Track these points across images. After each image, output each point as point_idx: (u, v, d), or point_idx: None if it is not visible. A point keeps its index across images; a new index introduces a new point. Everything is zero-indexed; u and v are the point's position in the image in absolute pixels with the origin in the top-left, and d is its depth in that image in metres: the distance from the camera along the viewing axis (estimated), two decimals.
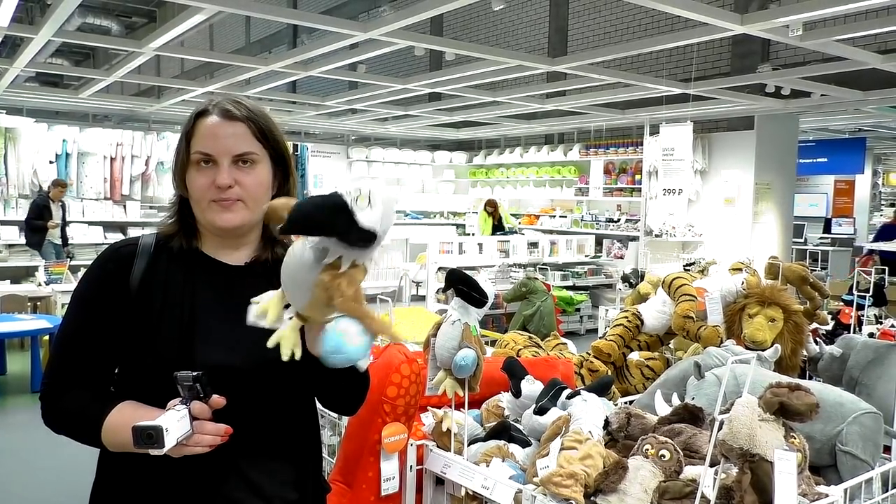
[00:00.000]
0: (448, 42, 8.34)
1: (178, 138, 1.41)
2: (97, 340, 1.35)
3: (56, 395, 1.36)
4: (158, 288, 1.37)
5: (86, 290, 1.40)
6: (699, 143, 9.67)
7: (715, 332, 2.47)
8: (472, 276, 2.07)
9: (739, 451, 1.40)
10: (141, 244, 1.41)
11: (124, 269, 1.37)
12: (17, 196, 10.29)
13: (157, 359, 1.31)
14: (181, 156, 1.39)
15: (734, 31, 5.67)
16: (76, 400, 1.34)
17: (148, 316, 1.34)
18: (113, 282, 1.36)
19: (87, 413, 1.32)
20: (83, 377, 1.36)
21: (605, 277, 9.65)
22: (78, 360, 1.36)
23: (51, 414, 1.37)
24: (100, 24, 15.13)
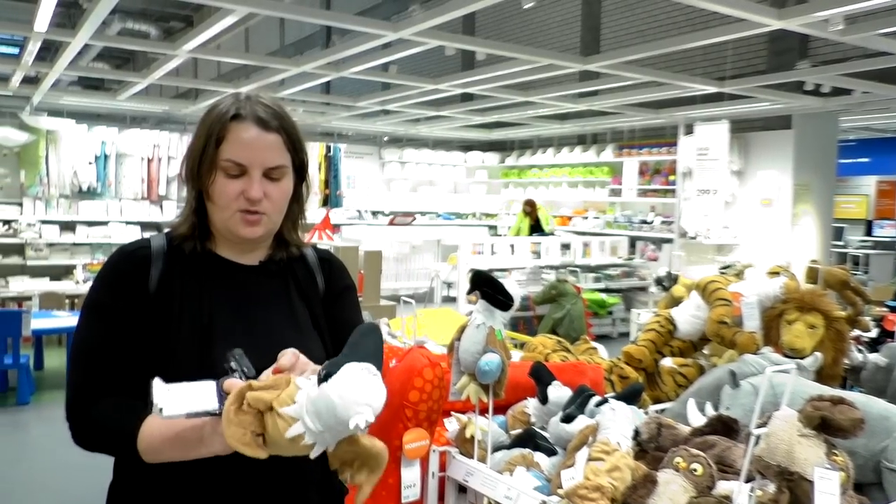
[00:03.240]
0: (479, 42, 8.29)
1: (203, 136, 1.34)
2: (119, 348, 1.31)
3: (85, 411, 1.29)
4: (175, 292, 1.34)
5: (103, 297, 1.34)
6: (735, 143, 9.46)
7: (751, 338, 2.37)
8: (498, 278, 2.02)
9: (777, 468, 1.33)
10: (153, 247, 1.38)
11: (141, 274, 1.34)
12: (58, 196, 10.51)
13: (176, 362, 1.28)
14: (207, 157, 1.33)
15: (771, 26, 5.51)
16: (105, 412, 1.28)
17: (166, 320, 1.32)
18: (131, 287, 1.33)
19: (120, 425, 1.25)
20: (109, 388, 1.30)
21: (638, 280, 9.49)
22: (103, 371, 1.31)
23: (82, 431, 1.30)
24: (139, 28, 15.41)
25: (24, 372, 5.99)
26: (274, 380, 1.08)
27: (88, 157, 10.63)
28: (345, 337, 1.27)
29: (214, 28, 6.10)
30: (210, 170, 1.33)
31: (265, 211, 1.34)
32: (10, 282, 9.03)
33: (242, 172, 1.32)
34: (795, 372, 2.08)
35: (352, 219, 12.80)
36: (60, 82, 12.15)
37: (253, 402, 1.04)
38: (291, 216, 1.47)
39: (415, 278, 11.00)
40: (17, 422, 5.62)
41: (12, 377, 6.23)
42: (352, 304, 1.56)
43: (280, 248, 1.46)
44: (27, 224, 10.15)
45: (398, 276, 10.76)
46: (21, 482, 4.49)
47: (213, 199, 1.35)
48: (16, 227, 10.14)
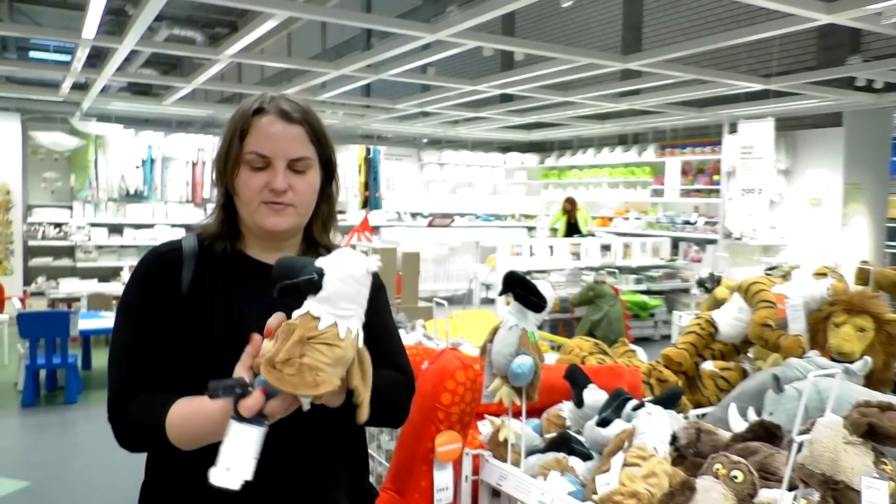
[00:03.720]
0: (516, 42, 8.24)
1: (229, 133, 1.35)
2: (154, 349, 1.32)
3: (122, 412, 1.31)
4: (207, 292, 1.34)
5: (137, 298, 1.35)
6: (782, 141, 9.22)
7: (796, 341, 2.29)
8: (532, 280, 1.98)
9: (821, 476, 1.26)
10: (185, 248, 1.38)
11: (174, 275, 1.34)
12: (107, 200, 10.79)
13: (212, 362, 1.28)
14: (233, 152, 1.34)
15: (820, 20, 5.35)
16: (139, 408, 1.29)
17: (199, 320, 1.32)
18: (164, 288, 1.33)
19: (151, 418, 1.26)
20: (146, 388, 1.31)
21: (680, 281, 9.32)
22: (140, 373, 1.32)
23: (122, 432, 1.31)
24: (185, 35, 15.75)
25: (72, 371, 6.14)
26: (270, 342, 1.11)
27: (135, 162, 10.90)
28: (376, 338, 1.28)
29: (255, 33, 6.18)
30: (235, 165, 1.33)
31: (291, 202, 1.34)
32: (60, 283, 9.29)
33: (266, 165, 1.32)
34: (843, 376, 2.00)
35: (391, 221, 12.85)
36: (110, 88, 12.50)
37: (288, 352, 1.07)
38: (321, 215, 1.46)
39: (453, 280, 10.99)
40: (65, 420, 5.77)
41: (61, 376, 6.40)
42: (383, 305, 1.55)
43: (310, 248, 1.45)
44: (77, 227, 10.45)
45: (437, 277, 10.77)
46: (68, 480, 4.60)
47: (239, 193, 1.35)
48: (66, 230, 10.44)
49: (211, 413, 1.17)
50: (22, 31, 9.42)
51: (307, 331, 1.09)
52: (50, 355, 6.00)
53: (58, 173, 10.59)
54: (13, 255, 10.16)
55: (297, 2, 5.80)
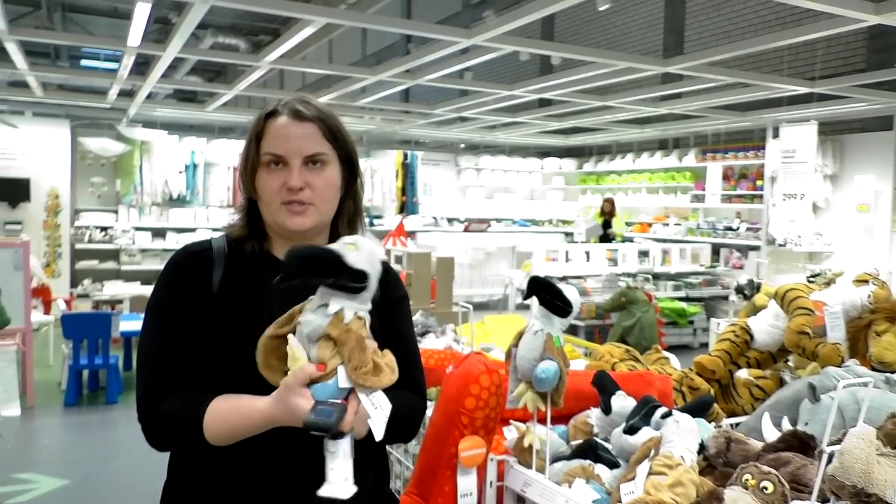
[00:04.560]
0: (553, 45, 8.19)
1: (247, 139, 1.39)
2: (184, 348, 1.33)
3: (153, 409, 1.32)
4: (237, 292, 1.36)
5: (168, 296, 1.37)
6: (829, 145, 8.98)
7: (835, 350, 2.21)
8: (557, 284, 1.95)
9: (852, 489, 1.21)
10: (215, 248, 1.40)
11: (205, 275, 1.36)
12: (150, 204, 11.05)
13: (242, 362, 1.29)
14: (251, 157, 1.37)
15: (868, 21, 5.20)
16: (171, 406, 1.31)
17: (228, 320, 1.33)
18: (194, 287, 1.35)
19: (186, 414, 1.28)
20: (176, 387, 1.33)
21: (721, 288, 9.13)
22: (170, 371, 1.33)
23: (152, 429, 1.33)
24: (229, 42, 16.05)
25: (113, 372, 6.29)
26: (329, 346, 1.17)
27: (179, 167, 11.14)
28: (398, 346, 1.30)
29: (294, 39, 6.27)
30: (254, 168, 1.36)
31: (310, 201, 1.35)
32: (105, 285, 9.53)
33: (282, 164, 1.34)
34: (885, 386, 1.93)
35: (427, 226, 12.88)
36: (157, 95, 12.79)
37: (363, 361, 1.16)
38: (346, 213, 1.47)
39: (489, 285, 10.96)
40: (106, 420, 5.90)
41: (102, 377, 6.56)
42: (406, 314, 1.56)
43: None
44: (122, 231, 10.70)
45: (472, 282, 10.75)
46: (108, 479, 4.70)
47: (259, 195, 1.37)
48: (112, 234, 10.70)
49: (252, 413, 1.23)
50: (69, 39, 9.70)
51: (361, 331, 1.18)
52: (92, 356, 6.15)
53: (104, 178, 10.88)
54: (61, 257, 10.46)
55: (337, 8, 5.87)
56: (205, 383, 1.32)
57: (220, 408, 1.27)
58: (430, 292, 6.46)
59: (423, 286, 6.55)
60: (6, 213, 10.13)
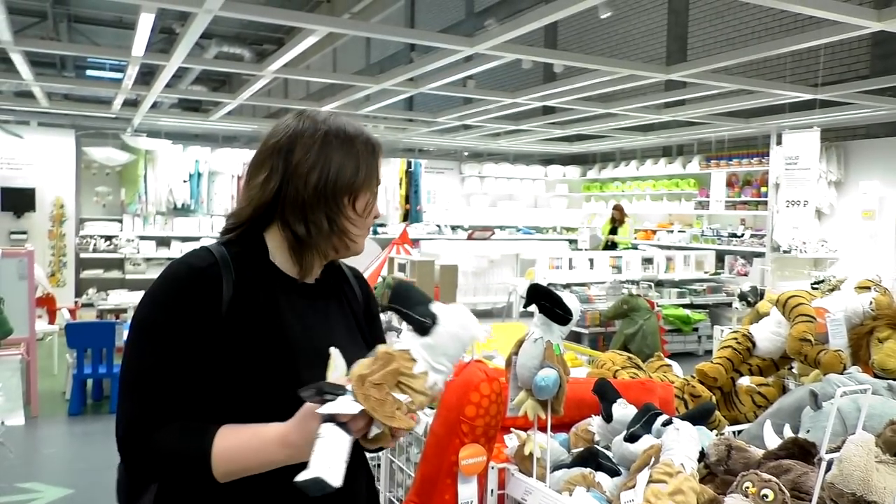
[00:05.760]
0: (556, 53, 8.21)
1: (361, 157, 1.35)
2: (182, 374, 1.22)
3: (144, 441, 1.20)
4: (248, 309, 1.28)
5: (166, 318, 1.24)
6: (833, 152, 8.96)
7: (837, 357, 2.20)
8: (557, 291, 1.95)
9: (851, 496, 1.20)
10: (220, 262, 1.29)
11: (213, 293, 1.25)
12: (155, 213, 11.09)
13: (265, 386, 1.24)
14: (365, 179, 1.35)
15: (870, 28, 5.20)
16: (171, 438, 1.20)
17: (242, 344, 1.25)
18: (201, 308, 1.24)
19: (191, 448, 1.19)
20: (170, 414, 1.22)
21: (725, 295, 9.11)
22: (165, 400, 1.22)
23: (141, 462, 1.23)
24: (233, 52, 16.14)
25: (118, 381, 6.27)
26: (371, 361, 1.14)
27: (183, 176, 11.18)
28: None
29: (298, 48, 6.30)
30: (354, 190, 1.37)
31: None
32: (109, 295, 9.55)
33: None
34: (888, 393, 1.91)
35: (431, 233, 12.89)
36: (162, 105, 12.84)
37: (383, 378, 1.11)
38: None
39: (493, 293, 10.94)
40: (110, 429, 5.79)
41: (107, 386, 6.57)
42: (381, 325, 1.60)
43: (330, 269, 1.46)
44: (126, 240, 10.74)
45: (476, 290, 10.74)
46: (111, 488, 4.68)
47: (353, 220, 1.36)
48: (116, 243, 10.74)
49: (269, 440, 1.16)
50: (73, 50, 9.79)
51: (403, 366, 1.13)
52: (96, 365, 6.16)
53: (109, 187, 10.93)
54: (66, 267, 10.49)
55: (341, 18, 5.91)
56: (206, 414, 1.24)
57: (231, 440, 1.19)
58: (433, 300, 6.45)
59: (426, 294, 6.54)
60: (11, 223, 10.18)
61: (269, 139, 1.35)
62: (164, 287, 1.26)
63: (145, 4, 5.01)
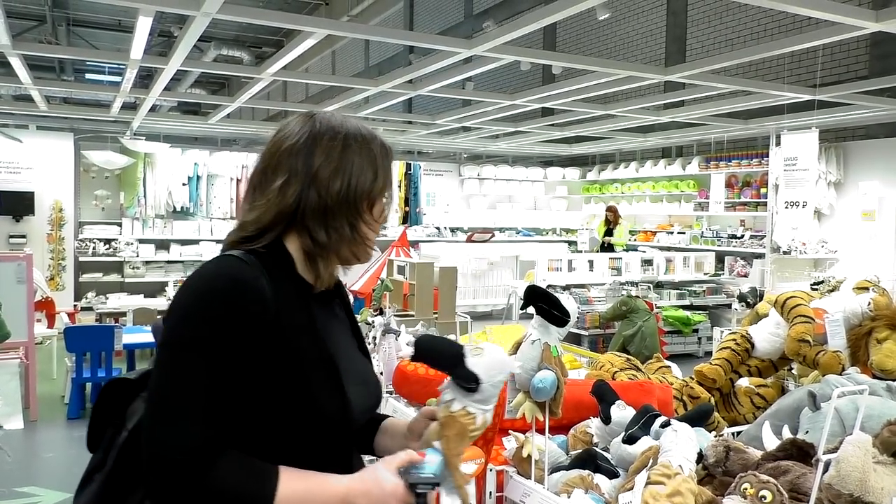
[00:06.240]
0: (554, 55, 8.21)
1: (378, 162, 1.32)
2: (232, 396, 1.15)
3: (201, 473, 1.10)
4: (289, 321, 1.21)
5: (222, 333, 1.14)
6: (833, 152, 8.96)
7: (835, 357, 2.19)
8: (555, 294, 1.94)
9: (849, 497, 1.20)
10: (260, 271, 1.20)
11: (262, 306, 1.18)
12: (154, 216, 11.08)
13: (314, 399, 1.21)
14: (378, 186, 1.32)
15: (868, 28, 5.20)
16: (227, 474, 1.11)
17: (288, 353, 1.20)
18: (252, 322, 1.16)
19: (252, 487, 1.12)
20: (225, 442, 1.14)
21: (725, 297, 9.09)
22: (221, 426, 1.14)
23: (193, 497, 1.10)
24: (233, 54, 16.16)
25: None
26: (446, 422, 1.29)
27: (182, 179, 11.17)
28: None
29: (296, 51, 6.29)
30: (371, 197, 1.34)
31: None
32: (109, 298, 9.55)
33: None
34: (868, 392, 1.91)
35: (431, 236, 12.89)
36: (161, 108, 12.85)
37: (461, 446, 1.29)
38: None
39: (492, 295, 10.93)
40: None
41: None
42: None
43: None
44: (126, 243, 10.72)
45: (476, 292, 10.73)
46: None
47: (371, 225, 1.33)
48: (115, 246, 10.72)
49: (333, 494, 1.16)
50: (71, 53, 9.79)
51: (468, 425, 1.28)
52: (95, 369, 6.14)
53: (108, 191, 10.92)
54: (65, 270, 10.49)
55: (340, 20, 5.91)
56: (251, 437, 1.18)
57: (295, 487, 1.14)
58: (433, 302, 6.45)
59: (426, 296, 6.53)
60: (10, 227, 10.17)
61: (281, 141, 1.28)
62: (208, 301, 1.16)
63: (143, 7, 5.01)
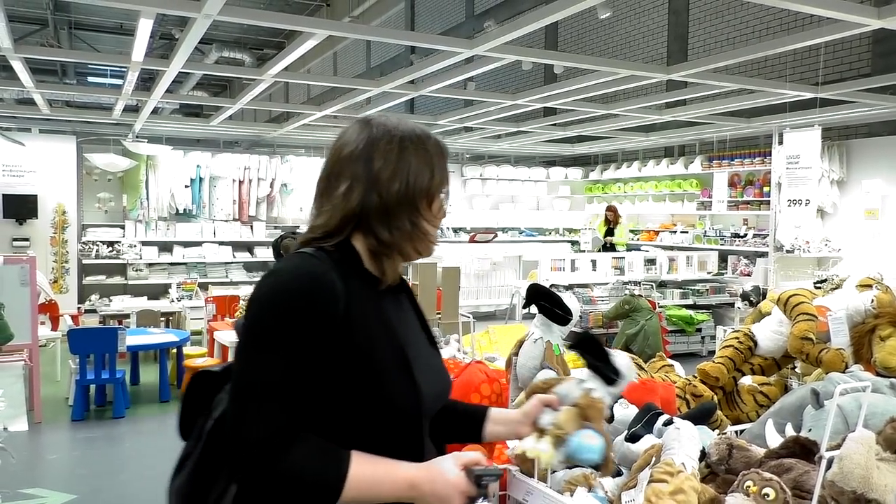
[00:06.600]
0: (555, 55, 8.20)
1: (434, 160, 1.40)
2: (307, 385, 1.23)
3: (282, 453, 1.18)
4: (360, 314, 1.28)
5: (302, 325, 1.22)
6: (835, 150, 8.94)
7: (839, 355, 2.19)
8: (557, 293, 1.94)
9: (851, 494, 1.19)
10: (332, 266, 1.28)
11: (335, 300, 1.25)
12: (157, 218, 11.10)
13: (390, 400, 1.27)
14: (440, 181, 1.41)
15: (871, 26, 5.18)
16: (303, 457, 1.19)
17: (360, 353, 1.26)
18: (324, 315, 1.23)
19: (326, 471, 1.19)
20: (303, 427, 1.22)
21: (728, 296, 9.08)
22: (299, 412, 1.21)
23: (274, 476, 1.18)
24: (234, 56, 16.17)
25: (120, 386, 6.29)
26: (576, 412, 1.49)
27: (184, 181, 11.19)
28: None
29: (297, 52, 6.29)
30: (433, 195, 1.43)
31: None
32: (112, 300, 9.56)
33: None
34: (870, 389, 1.90)
35: None
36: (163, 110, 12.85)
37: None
38: None
39: (495, 295, 10.93)
40: (113, 435, 5.90)
41: (109, 391, 6.56)
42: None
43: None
44: (129, 245, 10.74)
45: (479, 292, 10.73)
46: (115, 493, 4.69)
47: (432, 221, 1.41)
48: (118, 249, 10.74)
49: (400, 479, 1.22)
50: (73, 56, 9.81)
51: (600, 408, 1.50)
52: (99, 371, 6.15)
53: (111, 193, 10.94)
54: (69, 273, 10.50)
55: (341, 21, 5.91)
56: (327, 426, 1.25)
57: (364, 471, 1.21)
58: (436, 302, 6.45)
59: (428, 296, 6.52)
60: (14, 230, 10.19)
61: (341, 149, 1.36)
62: (287, 296, 1.24)
63: (144, 10, 5.01)
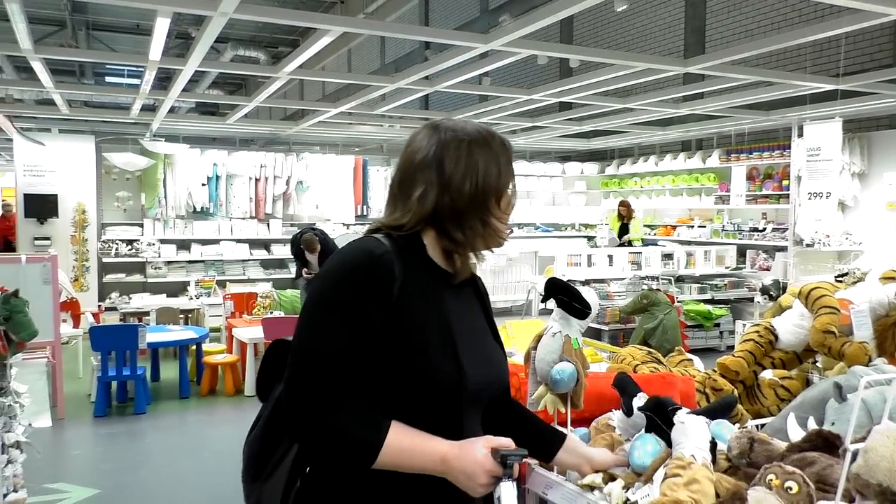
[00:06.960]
0: (571, 49, 8.16)
1: (500, 159, 1.46)
2: (358, 354, 1.31)
3: (329, 414, 1.27)
4: (416, 299, 1.37)
5: (349, 298, 1.32)
6: (856, 143, 8.82)
7: (861, 348, 2.16)
8: (574, 286, 1.93)
9: (878, 487, 1.18)
10: (392, 251, 1.38)
11: (388, 279, 1.34)
12: (175, 217, 11.19)
13: (426, 364, 1.33)
14: (503, 181, 1.46)
15: (891, 16, 5.11)
16: (346, 420, 1.28)
17: (411, 328, 1.35)
18: (378, 291, 1.33)
19: (365, 434, 1.29)
20: (349, 391, 1.31)
21: (747, 290, 9.01)
22: (347, 380, 1.30)
23: (324, 437, 1.28)
24: (249, 55, 16.24)
25: (141, 383, 6.36)
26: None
27: (201, 179, 11.27)
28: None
29: (312, 49, 6.31)
30: (502, 191, 1.49)
31: None
32: (132, 298, 9.66)
33: None
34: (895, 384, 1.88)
35: None
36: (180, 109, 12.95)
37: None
38: None
39: (512, 291, 10.92)
40: (134, 430, 5.96)
41: (131, 388, 6.63)
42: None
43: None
44: (147, 244, 10.84)
45: (495, 288, 10.72)
46: (137, 488, 4.74)
47: (500, 217, 1.48)
48: (137, 247, 10.84)
49: (433, 453, 1.30)
50: (92, 57, 9.89)
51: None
52: (120, 367, 6.22)
53: (129, 192, 11.05)
54: (89, 271, 10.62)
55: (356, 17, 5.92)
56: (373, 396, 1.34)
57: (401, 440, 1.30)
58: None
59: None
60: (35, 229, 10.32)
61: (412, 155, 1.44)
62: (347, 269, 1.35)
63: (161, 9, 5.05)
